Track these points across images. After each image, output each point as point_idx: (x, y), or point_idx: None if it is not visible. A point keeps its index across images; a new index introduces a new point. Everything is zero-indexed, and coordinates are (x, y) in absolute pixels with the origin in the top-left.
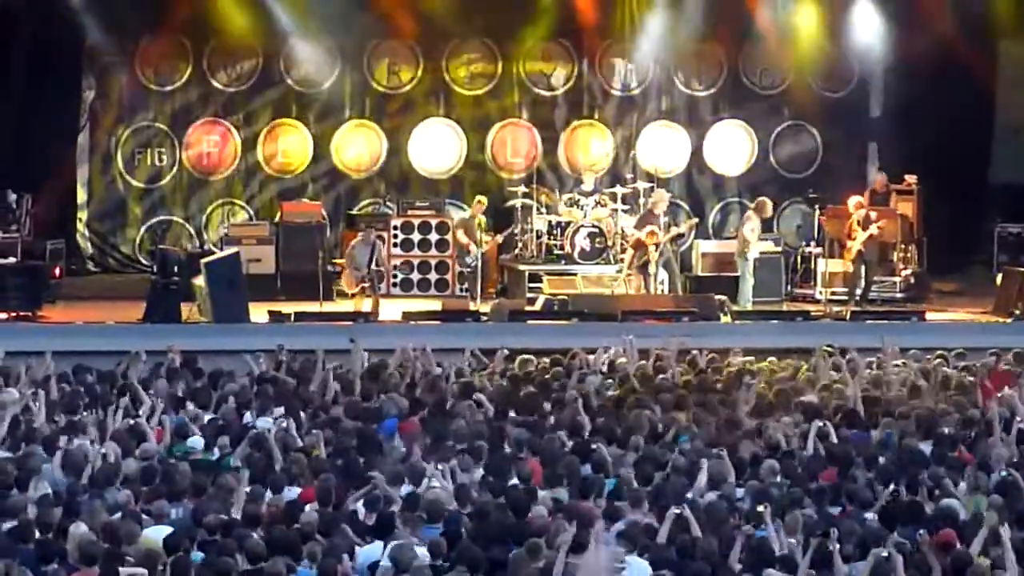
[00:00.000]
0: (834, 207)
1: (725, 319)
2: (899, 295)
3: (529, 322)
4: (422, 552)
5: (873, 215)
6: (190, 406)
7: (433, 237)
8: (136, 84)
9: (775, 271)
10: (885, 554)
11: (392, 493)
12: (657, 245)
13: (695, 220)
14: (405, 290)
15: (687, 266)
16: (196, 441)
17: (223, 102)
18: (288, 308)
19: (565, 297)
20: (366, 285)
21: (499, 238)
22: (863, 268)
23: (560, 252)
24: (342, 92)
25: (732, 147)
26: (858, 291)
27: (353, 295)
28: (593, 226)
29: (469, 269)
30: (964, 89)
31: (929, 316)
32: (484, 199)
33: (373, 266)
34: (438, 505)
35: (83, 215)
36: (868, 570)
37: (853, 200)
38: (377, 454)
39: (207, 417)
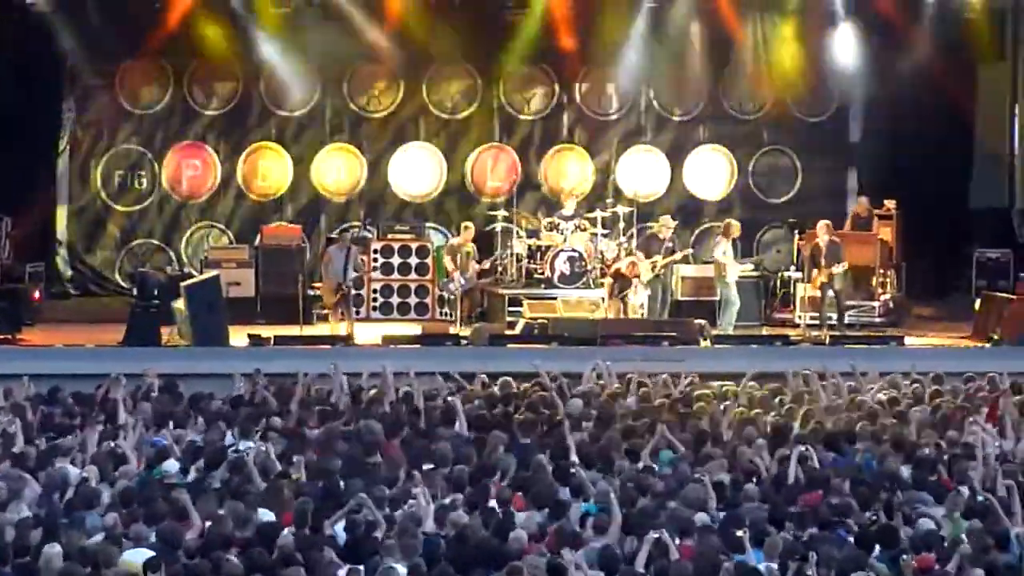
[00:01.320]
0: (812, 232)
1: (704, 343)
2: (878, 320)
3: (509, 346)
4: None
5: (839, 249)
6: (169, 429)
7: (413, 261)
8: (116, 107)
9: (754, 295)
10: None
11: (378, 516)
12: (638, 276)
13: (690, 250)
14: (385, 314)
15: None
16: (171, 465)
17: (203, 125)
18: (268, 331)
19: (545, 321)
20: (344, 293)
21: (485, 264)
22: (832, 294)
23: (540, 276)
24: (322, 115)
25: (711, 172)
26: (832, 315)
27: (329, 308)
28: (573, 250)
29: (451, 295)
30: (943, 114)
31: (908, 341)
32: (471, 225)
33: (351, 274)
34: (418, 528)
35: (63, 238)
36: None
37: (820, 224)
38: (359, 477)
39: (186, 440)
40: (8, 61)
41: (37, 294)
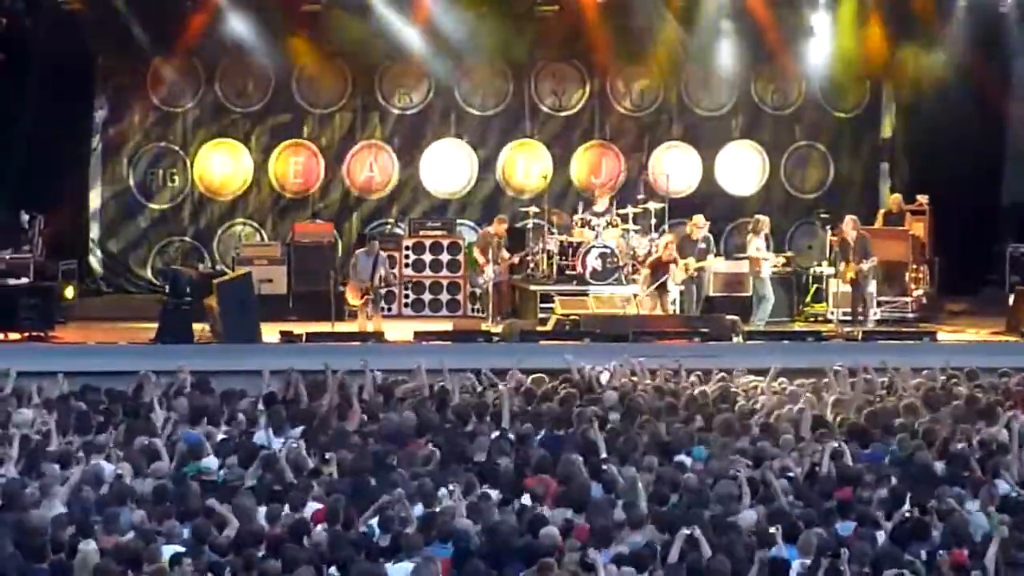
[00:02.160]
0: (840, 227)
1: (736, 339)
2: (911, 315)
3: (541, 342)
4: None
5: (868, 244)
6: (202, 426)
7: (444, 257)
8: (148, 104)
9: (786, 291)
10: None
11: (409, 512)
12: (675, 262)
13: (722, 256)
14: (416, 310)
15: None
16: (211, 461)
17: (235, 123)
18: (299, 328)
19: (577, 317)
20: (369, 298)
21: (515, 258)
22: (861, 290)
23: (572, 272)
24: (354, 113)
25: (744, 168)
26: (870, 309)
27: (355, 307)
28: (605, 246)
29: (480, 289)
30: (976, 109)
31: (941, 336)
32: (505, 217)
33: (377, 281)
34: (451, 523)
35: (95, 235)
36: None
37: (848, 219)
38: (390, 474)
39: (218, 437)
40: (40, 59)
41: (70, 292)
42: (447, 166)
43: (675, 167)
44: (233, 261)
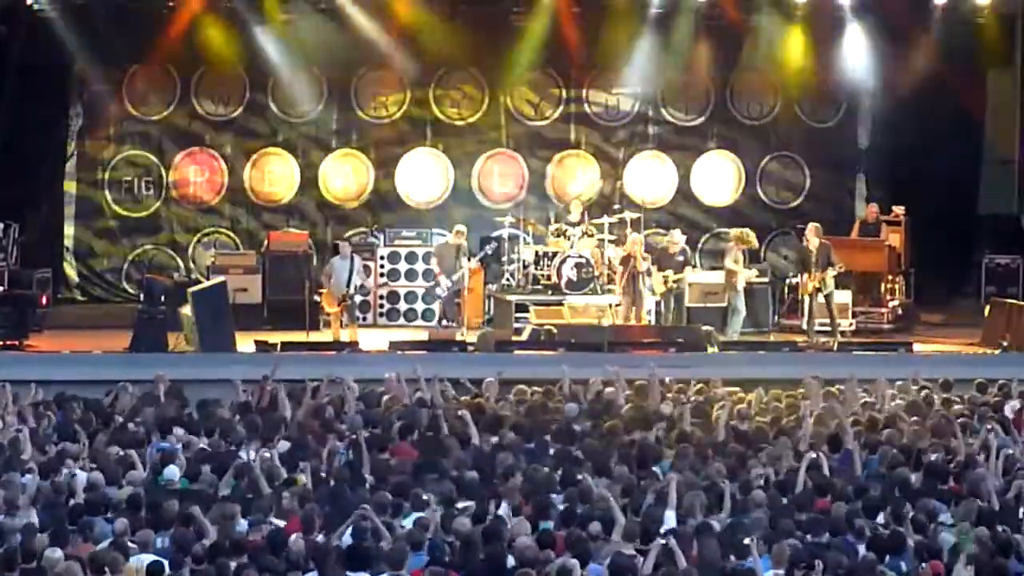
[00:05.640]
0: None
1: (712, 350)
2: (886, 326)
3: (516, 352)
4: None
5: (830, 251)
6: (176, 434)
7: (420, 267)
8: (124, 112)
9: (763, 302)
10: None
11: (380, 524)
12: (644, 261)
13: (699, 268)
14: (391, 319)
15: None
16: (171, 472)
17: (210, 131)
18: (274, 337)
19: (552, 327)
20: (346, 305)
21: (473, 263)
22: (822, 300)
23: (547, 282)
24: (329, 121)
25: (719, 177)
26: (837, 320)
27: (331, 315)
28: (580, 256)
29: (438, 299)
30: (952, 120)
31: (917, 347)
32: (463, 229)
33: (353, 289)
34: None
35: (70, 244)
36: None
37: (810, 227)
38: (363, 484)
39: (194, 446)
40: (15, 66)
41: (44, 300)
42: (423, 175)
43: (650, 177)
44: (208, 270)
